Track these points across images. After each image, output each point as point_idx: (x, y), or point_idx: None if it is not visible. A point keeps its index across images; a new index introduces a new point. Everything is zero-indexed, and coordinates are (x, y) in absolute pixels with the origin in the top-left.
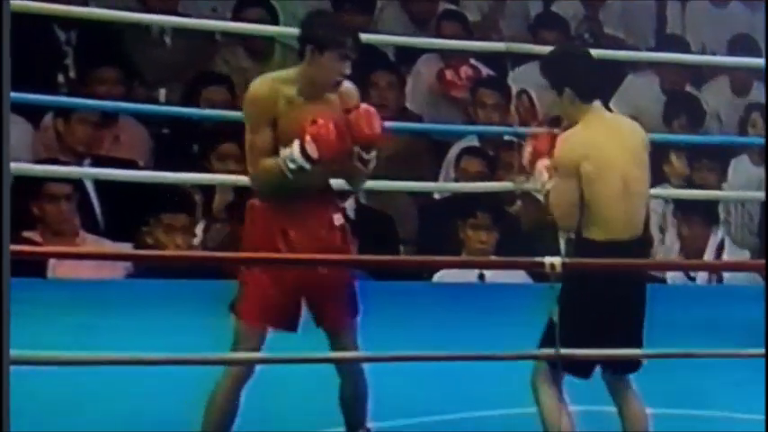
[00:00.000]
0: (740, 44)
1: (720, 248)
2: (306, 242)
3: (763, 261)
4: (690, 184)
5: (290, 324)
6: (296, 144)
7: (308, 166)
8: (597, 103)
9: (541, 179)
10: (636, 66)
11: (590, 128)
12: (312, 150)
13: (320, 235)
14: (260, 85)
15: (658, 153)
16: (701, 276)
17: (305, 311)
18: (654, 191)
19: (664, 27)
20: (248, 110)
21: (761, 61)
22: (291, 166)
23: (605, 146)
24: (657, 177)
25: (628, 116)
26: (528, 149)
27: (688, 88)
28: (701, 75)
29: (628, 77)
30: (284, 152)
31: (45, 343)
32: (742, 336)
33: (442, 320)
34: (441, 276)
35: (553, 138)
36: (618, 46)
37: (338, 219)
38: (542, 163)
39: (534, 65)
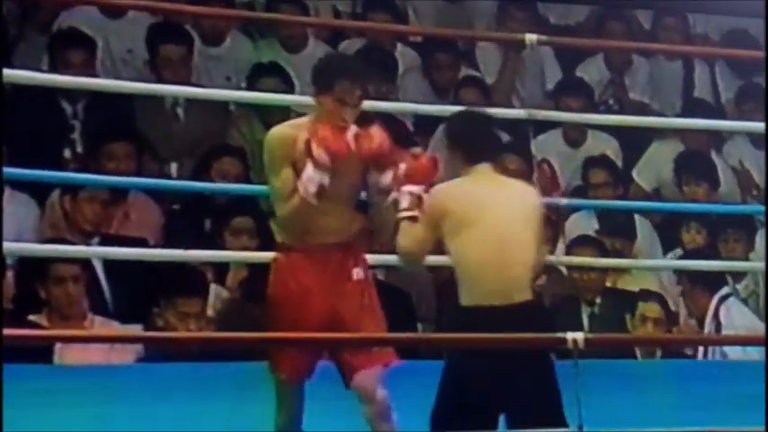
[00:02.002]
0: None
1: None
2: (326, 295)
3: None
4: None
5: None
6: (308, 164)
7: (325, 178)
8: (485, 165)
9: (401, 203)
10: (661, 132)
11: (467, 184)
12: (322, 157)
13: (339, 289)
14: (278, 130)
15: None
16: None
17: None
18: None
19: (691, 91)
20: (269, 155)
21: None
22: (311, 188)
23: (480, 204)
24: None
25: (651, 184)
26: (402, 169)
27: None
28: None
29: (653, 144)
30: (301, 178)
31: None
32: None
33: None
34: None
35: (431, 165)
36: (643, 111)
37: (357, 273)
38: (409, 188)
39: (557, 132)
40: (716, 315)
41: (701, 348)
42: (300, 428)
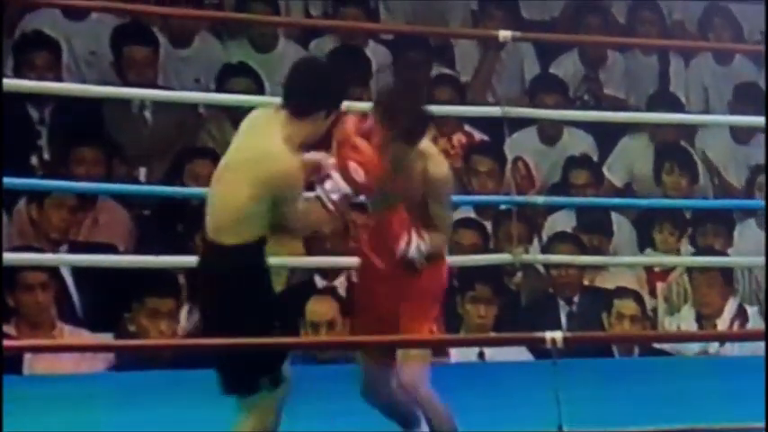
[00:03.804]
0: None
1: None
2: None
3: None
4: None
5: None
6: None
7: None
8: None
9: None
10: (632, 127)
11: None
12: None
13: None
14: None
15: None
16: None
17: None
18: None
19: (667, 86)
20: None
21: (761, 120)
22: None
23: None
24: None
25: (623, 179)
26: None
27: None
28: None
29: (622, 139)
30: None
31: None
32: None
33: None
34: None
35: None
36: (619, 107)
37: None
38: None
39: (532, 130)
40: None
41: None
42: None
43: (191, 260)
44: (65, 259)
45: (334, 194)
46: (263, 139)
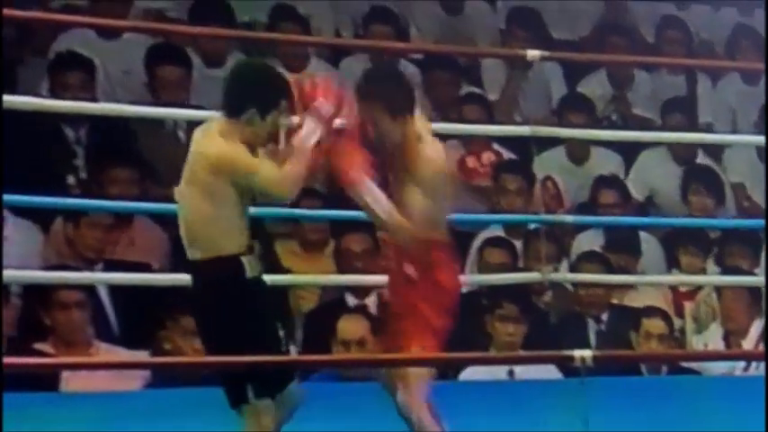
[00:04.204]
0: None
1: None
2: None
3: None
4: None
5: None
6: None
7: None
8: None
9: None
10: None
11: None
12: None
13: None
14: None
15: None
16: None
17: None
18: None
19: (695, 105)
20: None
21: None
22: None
23: None
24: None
25: (643, 193)
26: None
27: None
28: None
29: (641, 153)
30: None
31: None
32: None
33: (470, 422)
34: (468, 374)
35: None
36: (646, 126)
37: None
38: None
39: (560, 149)
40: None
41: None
42: None
43: None
44: (100, 278)
45: (311, 139)
46: (201, 141)
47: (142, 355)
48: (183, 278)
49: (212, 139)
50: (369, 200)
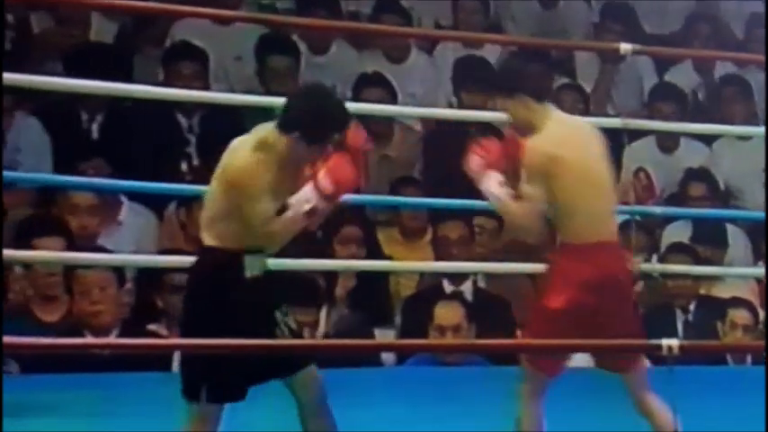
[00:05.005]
0: None
1: None
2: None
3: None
4: None
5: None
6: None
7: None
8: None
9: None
10: None
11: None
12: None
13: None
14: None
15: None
16: None
17: None
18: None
19: None
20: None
21: None
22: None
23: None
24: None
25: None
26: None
27: None
28: None
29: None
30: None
31: None
32: None
33: (563, 406)
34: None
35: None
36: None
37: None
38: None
39: (651, 139)
40: None
41: None
42: None
43: (329, 263)
44: None
45: (305, 204)
46: (237, 145)
47: None
48: (289, 263)
49: (244, 149)
50: (491, 191)
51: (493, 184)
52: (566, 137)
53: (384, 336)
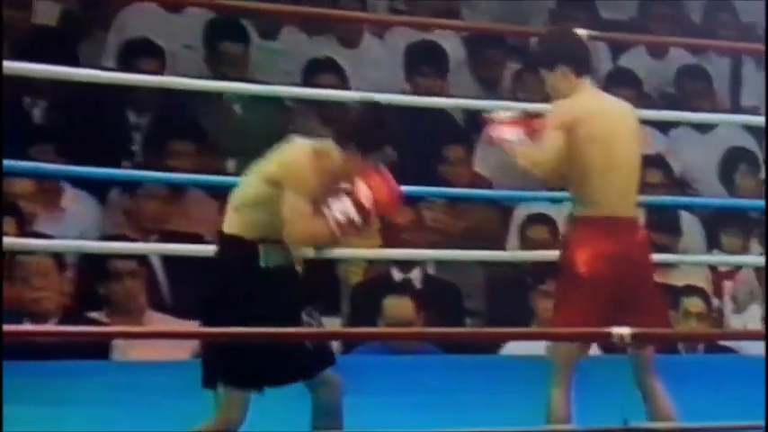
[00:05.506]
0: None
1: None
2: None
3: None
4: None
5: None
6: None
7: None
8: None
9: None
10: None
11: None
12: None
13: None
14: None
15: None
16: None
17: None
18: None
19: (739, 88)
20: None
21: None
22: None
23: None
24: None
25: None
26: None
27: None
28: None
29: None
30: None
31: (109, 429)
32: None
33: (509, 395)
34: (510, 349)
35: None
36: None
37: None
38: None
39: None
40: None
41: None
42: None
43: None
44: (152, 248)
45: (340, 215)
46: (292, 145)
47: (193, 325)
48: None
49: (304, 149)
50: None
51: (507, 132)
52: (595, 107)
53: (331, 324)
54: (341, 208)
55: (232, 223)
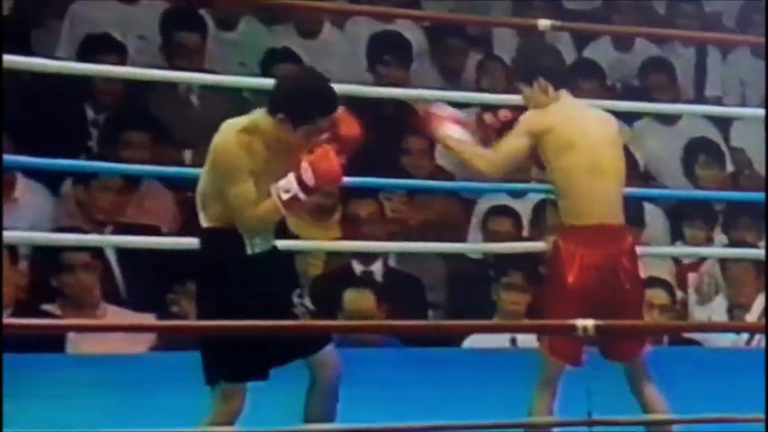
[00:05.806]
0: None
1: None
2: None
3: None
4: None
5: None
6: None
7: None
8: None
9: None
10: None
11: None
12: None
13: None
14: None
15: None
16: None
17: None
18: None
19: (703, 78)
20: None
21: None
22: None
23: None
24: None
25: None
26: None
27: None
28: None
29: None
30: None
31: (65, 422)
32: None
33: (471, 389)
34: (472, 341)
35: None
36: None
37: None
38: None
39: None
40: None
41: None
42: None
43: None
44: (107, 240)
45: (284, 193)
46: (225, 126)
47: (149, 318)
48: (191, 242)
49: (230, 130)
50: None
51: (451, 129)
52: (569, 115)
53: None
54: (283, 185)
55: (206, 217)
